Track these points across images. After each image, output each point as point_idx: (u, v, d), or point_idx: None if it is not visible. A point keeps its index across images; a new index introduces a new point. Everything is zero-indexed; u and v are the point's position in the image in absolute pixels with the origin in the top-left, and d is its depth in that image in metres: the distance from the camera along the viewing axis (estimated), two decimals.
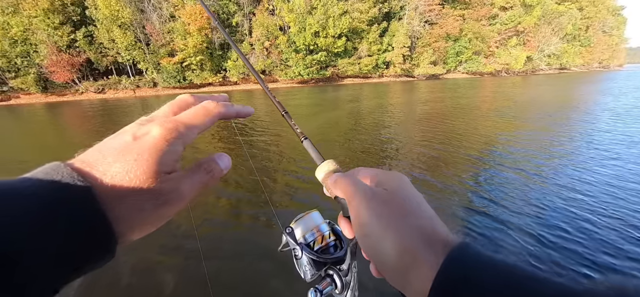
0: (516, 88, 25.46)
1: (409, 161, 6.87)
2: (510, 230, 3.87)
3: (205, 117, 0.35)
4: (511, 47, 46.86)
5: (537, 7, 46.74)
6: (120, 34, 31.02)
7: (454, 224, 4.21)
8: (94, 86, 33.04)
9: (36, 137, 12.10)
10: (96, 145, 0.31)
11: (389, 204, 0.35)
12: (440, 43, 41.58)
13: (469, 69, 45.86)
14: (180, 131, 0.32)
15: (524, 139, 8.26)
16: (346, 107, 16.33)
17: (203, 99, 0.37)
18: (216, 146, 8.79)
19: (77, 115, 18.38)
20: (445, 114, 13.14)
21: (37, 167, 0.23)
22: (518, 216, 4.17)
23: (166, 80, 33.99)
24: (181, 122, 0.33)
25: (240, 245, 3.66)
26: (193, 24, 31.56)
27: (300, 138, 0.54)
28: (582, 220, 4.03)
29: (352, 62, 39.41)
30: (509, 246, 3.62)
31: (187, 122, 0.33)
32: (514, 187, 5.08)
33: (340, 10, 35.12)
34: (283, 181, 5.54)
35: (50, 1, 29.35)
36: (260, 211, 4.38)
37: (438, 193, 5.06)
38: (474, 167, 6.35)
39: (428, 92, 23.20)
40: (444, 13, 42.09)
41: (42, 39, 30.19)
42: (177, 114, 0.35)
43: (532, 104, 15.47)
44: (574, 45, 56.26)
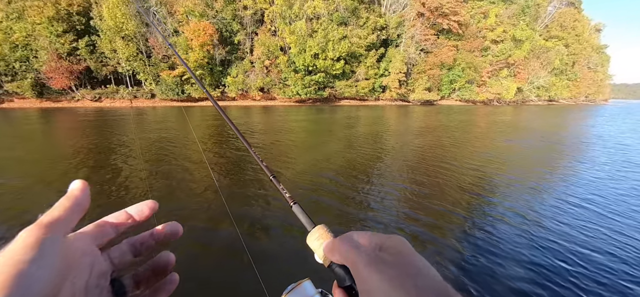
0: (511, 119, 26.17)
1: (402, 195, 6.91)
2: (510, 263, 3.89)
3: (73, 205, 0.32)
4: (502, 78, 48.74)
5: (526, 42, 49.19)
6: (122, 45, 31.42)
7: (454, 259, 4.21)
8: (90, 94, 32.98)
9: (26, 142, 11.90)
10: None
11: (398, 266, 0.34)
12: (435, 71, 43.05)
13: (462, 97, 47.29)
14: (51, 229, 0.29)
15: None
16: (341, 133, 16.54)
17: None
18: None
19: (70, 122, 18.19)
20: (442, 145, 13.35)
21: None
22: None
23: (164, 92, 34.16)
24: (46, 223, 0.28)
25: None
26: (196, 39, 32.24)
27: (289, 203, 0.51)
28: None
29: (350, 85, 40.34)
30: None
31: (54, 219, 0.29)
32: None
33: (340, 34, 36.41)
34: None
35: (56, 9, 29.85)
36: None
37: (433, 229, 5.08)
38: (470, 205, 6.43)
39: (424, 119, 23.71)
40: (439, 43, 43.92)
41: (43, 45, 30.39)
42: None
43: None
44: (562, 79, 58.79)
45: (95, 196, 5.79)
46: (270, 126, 17.28)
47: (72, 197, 0.32)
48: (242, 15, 37.17)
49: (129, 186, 6.35)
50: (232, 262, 3.62)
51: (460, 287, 3.30)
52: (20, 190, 5.97)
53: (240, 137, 0.68)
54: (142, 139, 11.91)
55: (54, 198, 0.27)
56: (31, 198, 5.55)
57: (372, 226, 4.75)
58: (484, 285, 3.30)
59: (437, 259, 3.74)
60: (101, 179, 6.66)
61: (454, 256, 3.83)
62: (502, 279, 3.40)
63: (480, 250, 3.97)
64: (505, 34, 48.99)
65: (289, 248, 3.96)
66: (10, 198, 5.57)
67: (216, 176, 7.19)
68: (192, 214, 4.92)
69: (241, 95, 37.28)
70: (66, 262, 0.28)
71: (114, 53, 32.46)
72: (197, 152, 9.29)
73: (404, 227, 4.68)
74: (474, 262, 3.70)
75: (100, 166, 7.81)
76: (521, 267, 3.61)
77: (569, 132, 17.38)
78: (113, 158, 8.62)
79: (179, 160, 8.50)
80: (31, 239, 0.25)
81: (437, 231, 4.53)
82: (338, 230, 0.40)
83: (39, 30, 30.11)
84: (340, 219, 4.96)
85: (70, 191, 0.33)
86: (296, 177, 7.16)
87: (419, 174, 7.54)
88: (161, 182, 6.62)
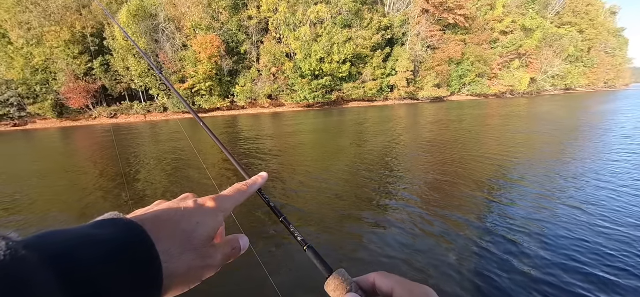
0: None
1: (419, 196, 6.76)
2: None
3: (239, 194, 0.46)
4: (514, 69, 47.41)
5: (537, 31, 47.78)
6: (134, 62, 32.56)
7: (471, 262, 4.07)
8: (107, 111, 34.25)
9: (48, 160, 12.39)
10: (153, 210, 0.37)
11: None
12: (443, 67, 42.35)
13: (473, 91, 46.23)
14: (225, 206, 0.42)
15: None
16: (352, 135, 16.41)
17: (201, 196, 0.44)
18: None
19: (89, 139, 18.88)
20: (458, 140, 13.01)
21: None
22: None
23: (176, 105, 35.05)
24: (224, 197, 0.44)
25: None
26: (203, 52, 33.02)
27: (302, 247, 0.50)
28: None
29: (357, 86, 40.21)
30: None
31: (226, 196, 0.44)
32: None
33: (345, 37, 36.45)
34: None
35: (72, 33, 31.29)
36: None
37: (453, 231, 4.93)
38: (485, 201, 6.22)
39: (433, 116, 23.28)
40: (446, 38, 43.26)
41: (61, 67, 31.89)
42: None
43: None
44: (578, 66, 56.62)
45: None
46: (280, 131, 17.39)
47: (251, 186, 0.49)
48: (247, 25, 37.84)
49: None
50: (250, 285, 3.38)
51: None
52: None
53: (240, 169, 0.60)
54: (158, 151, 12.20)
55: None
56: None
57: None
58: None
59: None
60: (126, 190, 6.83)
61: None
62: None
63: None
64: (515, 24, 47.76)
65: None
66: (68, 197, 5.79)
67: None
68: None
69: (250, 103, 37.81)
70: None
71: (127, 70, 33.67)
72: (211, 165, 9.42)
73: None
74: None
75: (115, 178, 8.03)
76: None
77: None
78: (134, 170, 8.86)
79: (185, 171, 8.65)
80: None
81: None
82: (357, 267, 0.43)
83: (56, 54, 31.66)
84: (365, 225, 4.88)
85: (253, 179, 0.51)
86: (309, 181, 7.13)
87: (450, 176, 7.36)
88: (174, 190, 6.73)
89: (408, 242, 4.09)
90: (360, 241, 4.24)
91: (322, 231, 4.58)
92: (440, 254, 3.79)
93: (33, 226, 5.23)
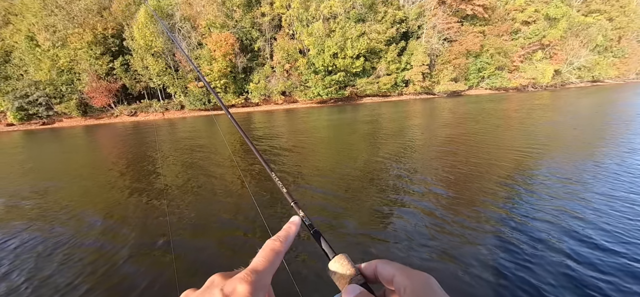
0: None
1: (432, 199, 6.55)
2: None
3: (275, 258, 0.41)
4: (537, 61, 45.22)
5: (562, 20, 45.22)
6: (152, 61, 33.43)
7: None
8: (127, 110, 35.43)
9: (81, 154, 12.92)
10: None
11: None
12: (461, 60, 40.95)
13: (493, 85, 44.50)
14: (262, 283, 0.37)
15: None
16: (365, 132, 16.16)
17: (231, 275, 0.39)
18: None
19: (111, 136, 19.59)
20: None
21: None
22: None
23: (192, 103, 35.78)
24: (256, 271, 0.38)
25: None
26: (218, 50, 33.42)
27: (309, 231, 0.52)
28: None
29: (371, 82, 39.60)
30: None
31: (261, 269, 0.39)
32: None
33: (358, 31, 35.88)
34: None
35: (93, 34, 32.45)
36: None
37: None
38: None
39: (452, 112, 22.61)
40: (463, 30, 41.77)
41: (84, 68, 33.21)
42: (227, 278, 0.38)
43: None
44: (606, 56, 53.26)
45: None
46: (294, 127, 17.38)
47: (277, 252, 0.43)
48: (261, 22, 37.94)
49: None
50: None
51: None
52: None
53: (259, 157, 0.70)
54: (176, 148, 12.47)
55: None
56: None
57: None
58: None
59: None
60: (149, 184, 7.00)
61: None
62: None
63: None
64: (538, 13, 45.39)
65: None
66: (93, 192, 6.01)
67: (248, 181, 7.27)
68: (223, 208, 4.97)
69: (264, 100, 38.07)
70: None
71: (146, 69, 34.63)
72: (230, 163, 9.50)
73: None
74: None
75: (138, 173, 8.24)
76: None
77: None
78: (141, 166, 9.07)
79: (210, 167, 8.74)
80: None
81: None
82: (359, 251, 0.46)
83: (80, 55, 32.96)
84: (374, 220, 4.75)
85: (286, 231, 0.47)
86: (320, 175, 7.04)
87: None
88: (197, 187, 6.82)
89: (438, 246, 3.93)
90: (370, 238, 4.15)
91: (337, 229, 4.49)
92: (457, 251, 3.61)
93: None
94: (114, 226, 5.08)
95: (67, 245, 4.50)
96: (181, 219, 5.16)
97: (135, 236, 4.62)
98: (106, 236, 4.72)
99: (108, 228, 5.01)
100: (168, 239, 4.47)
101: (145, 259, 3.98)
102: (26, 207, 6.34)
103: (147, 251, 4.17)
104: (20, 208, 6.34)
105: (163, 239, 4.49)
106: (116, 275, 3.65)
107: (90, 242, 4.55)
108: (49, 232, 4.99)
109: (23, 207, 6.36)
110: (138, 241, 4.46)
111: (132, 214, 5.55)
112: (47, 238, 4.79)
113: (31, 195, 7.21)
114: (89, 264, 3.91)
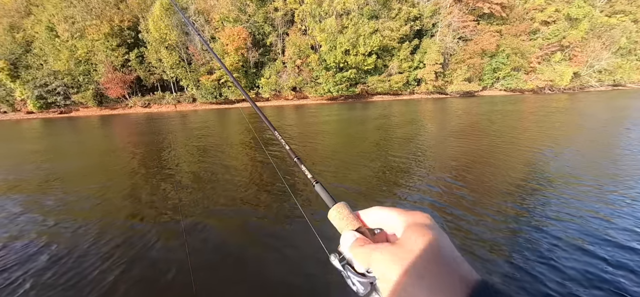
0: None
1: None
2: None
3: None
4: (555, 63, 43.76)
5: (583, 20, 43.56)
6: (166, 54, 33.89)
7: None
8: (141, 101, 36.09)
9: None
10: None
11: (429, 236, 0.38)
12: (475, 59, 39.99)
13: (508, 86, 43.35)
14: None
15: None
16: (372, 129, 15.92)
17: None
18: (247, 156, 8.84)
19: (126, 126, 19.97)
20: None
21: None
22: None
23: (204, 96, 36.16)
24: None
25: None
26: (231, 44, 33.59)
27: (312, 183, 0.56)
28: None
29: (382, 80, 39.15)
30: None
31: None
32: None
33: (371, 28, 35.45)
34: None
35: (110, 26, 33.09)
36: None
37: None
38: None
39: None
40: (480, 29, 40.76)
41: (101, 59, 33.95)
42: None
43: None
44: (630, 59, 51.09)
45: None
46: (303, 122, 17.31)
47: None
48: (273, 17, 37.92)
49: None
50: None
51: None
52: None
53: (267, 122, 0.82)
54: (190, 142, 12.59)
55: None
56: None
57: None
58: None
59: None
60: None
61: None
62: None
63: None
64: (558, 13, 43.85)
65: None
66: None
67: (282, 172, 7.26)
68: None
69: (274, 95, 38.15)
70: None
71: (160, 62, 35.16)
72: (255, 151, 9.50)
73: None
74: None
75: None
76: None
77: None
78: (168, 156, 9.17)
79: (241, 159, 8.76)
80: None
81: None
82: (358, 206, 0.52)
83: (97, 46, 33.70)
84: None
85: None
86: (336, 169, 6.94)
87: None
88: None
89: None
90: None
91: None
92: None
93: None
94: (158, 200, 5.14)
95: (99, 227, 4.57)
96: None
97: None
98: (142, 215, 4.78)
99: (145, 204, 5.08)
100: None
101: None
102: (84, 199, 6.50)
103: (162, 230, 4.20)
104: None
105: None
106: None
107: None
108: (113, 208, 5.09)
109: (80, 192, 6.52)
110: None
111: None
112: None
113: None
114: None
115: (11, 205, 5.77)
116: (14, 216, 5.23)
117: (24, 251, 4.04)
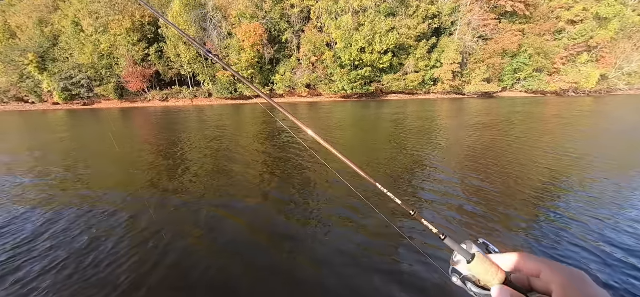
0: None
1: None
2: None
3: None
4: (581, 64, 41.78)
5: (613, 20, 41.29)
6: (184, 49, 34.58)
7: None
8: (159, 95, 37.04)
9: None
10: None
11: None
12: (495, 59, 38.70)
13: (529, 88, 41.79)
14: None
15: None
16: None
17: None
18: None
19: (144, 118, 20.50)
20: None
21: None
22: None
23: (220, 91, 36.71)
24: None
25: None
26: (247, 40, 33.88)
27: (439, 236, 0.61)
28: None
29: (398, 78, 38.54)
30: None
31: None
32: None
33: (388, 26, 34.90)
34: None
35: (132, 21, 34.02)
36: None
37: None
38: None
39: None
40: (501, 28, 39.39)
41: (122, 53, 35.02)
42: None
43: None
44: None
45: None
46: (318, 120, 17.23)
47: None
48: (290, 14, 37.95)
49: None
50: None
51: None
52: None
53: (339, 153, 0.79)
54: (204, 134, 12.76)
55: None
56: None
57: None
58: None
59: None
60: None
61: None
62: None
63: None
64: (586, 12, 41.73)
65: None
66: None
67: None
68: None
69: (288, 92, 38.29)
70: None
71: (178, 57, 35.92)
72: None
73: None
74: None
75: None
76: None
77: None
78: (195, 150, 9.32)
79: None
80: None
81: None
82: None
83: (119, 41, 34.77)
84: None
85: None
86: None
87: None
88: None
89: None
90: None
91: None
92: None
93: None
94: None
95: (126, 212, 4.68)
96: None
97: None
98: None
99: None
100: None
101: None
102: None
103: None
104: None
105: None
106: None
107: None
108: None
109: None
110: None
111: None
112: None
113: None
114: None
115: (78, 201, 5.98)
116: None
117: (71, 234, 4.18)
